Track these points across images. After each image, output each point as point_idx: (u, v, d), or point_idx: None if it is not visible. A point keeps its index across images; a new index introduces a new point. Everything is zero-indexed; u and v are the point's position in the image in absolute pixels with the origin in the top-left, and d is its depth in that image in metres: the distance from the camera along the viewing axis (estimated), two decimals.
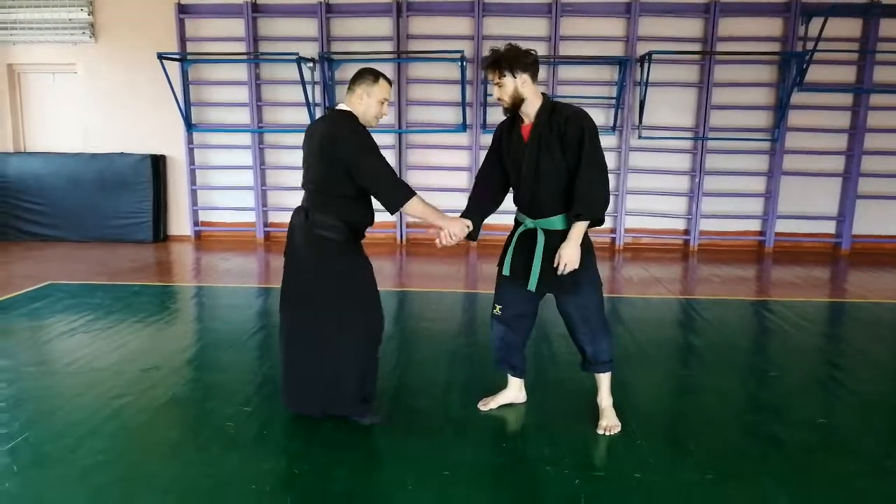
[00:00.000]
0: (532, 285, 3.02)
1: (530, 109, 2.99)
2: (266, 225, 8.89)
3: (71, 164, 8.60)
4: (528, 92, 2.94)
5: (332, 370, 3.09)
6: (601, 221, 2.97)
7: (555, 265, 2.92)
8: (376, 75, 3.05)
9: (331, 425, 3.17)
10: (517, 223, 3.20)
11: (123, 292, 5.93)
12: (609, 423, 3.20)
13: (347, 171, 2.92)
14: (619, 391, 3.68)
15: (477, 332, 4.80)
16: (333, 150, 2.92)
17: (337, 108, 3.09)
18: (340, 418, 3.20)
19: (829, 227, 8.53)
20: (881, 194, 8.27)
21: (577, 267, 2.92)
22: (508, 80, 2.92)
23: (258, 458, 2.90)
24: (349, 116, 3.02)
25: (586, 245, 3.00)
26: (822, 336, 5.02)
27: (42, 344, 4.55)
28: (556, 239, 2.97)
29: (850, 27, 7.95)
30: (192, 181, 8.81)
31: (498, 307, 3.26)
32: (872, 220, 8.37)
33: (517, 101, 2.96)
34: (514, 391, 3.47)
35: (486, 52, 7.92)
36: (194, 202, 8.88)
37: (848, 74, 8.10)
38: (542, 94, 3.03)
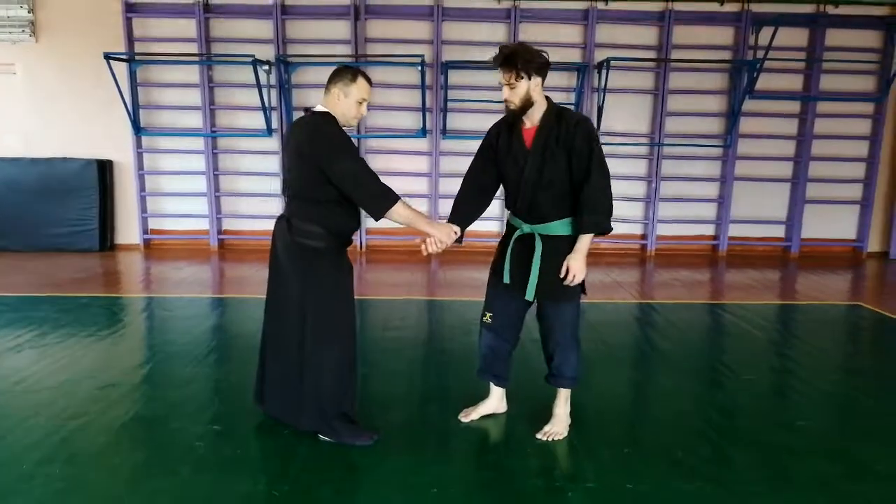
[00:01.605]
0: (530, 294, 2.96)
1: (536, 113, 2.90)
2: (220, 232, 8.61)
3: (10, 170, 8.14)
4: (537, 96, 2.86)
5: (311, 383, 2.96)
6: (609, 231, 2.91)
7: (561, 276, 2.87)
8: (354, 73, 2.92)
9: (308, 442, 3.03)
10: (511, 227, 3.11)
11: (70, 304, 5.62)
12: (553, 429, 3.16)
13: (324, 175, 2.80)
14: (597, 396, 3.69)
15: (446, 340, 4.73)
16: (311, 153, 2.81)
17: (314, 109, 2.96)
18: (316, 435, 3.06)
19: (779, 231, 8.78)
20: (828, 199, 8.55)
21: (583, 278, 2.90)
22: (522, 83, 2.80)
23: (233, 480, 2.74)
24: (327, 118, 2.90)
25: None
26: (784, 338, 5.11)
27: None
28: (554, 244, 2.92)
29: (798, 36, 8.21)
30: (141, 187, 8.46)
31: (488, 315, 3.19)
32: (820, 224, 8.65)
33: (526, 105, 2.85)
34: (496, 401, 3.40)
35: (446, 57, 7.96)
36: (143, 209, 8.53)
37: (796, 82, 8.37)
38: (547, 97, 2.94)
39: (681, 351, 4.68)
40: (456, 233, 3.01)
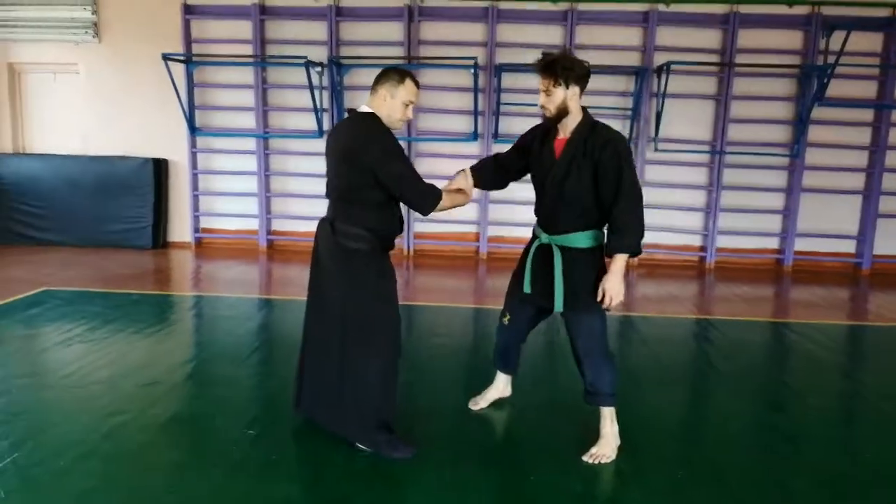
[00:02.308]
0: (558, 306, 2.92)
1: (571, 123, 2.87)
2: (269, 233, 8.64)
3: (70, 167, 8.36)
4: (574, 106, 2.83)
5: (352, 389, 2.86)
6: (639, 253, 2.82)
7: (599, 299, 2.83)
8: (402, 75, 2.86)
9: (345, 451, 2.93)
10: (534, 236, 3.09)
11: (122, 300, 5.68)
12: (599, 451, 3.00)
13: (372, 177, 2.72)
14: (647, 416, 3.50)
15: (492, 350, 4.55)
16: (357, 155, 2.73)
17: (360, 109, 2.88)
18: (353, 444, 2.95)
19: (850, 247, 8.30)
20: None
21: (621, 299, 2.82)
22: (560, 90, 2.78)
23: (267, 485, 2.66)
24: (373, 119, 2.82)
25: (598, 260, 2.93)
26: (853, 361, 4.80)
27: (36, 354, 4.31)
28: (573, 256, 2.89)
29: (871, 41, 7.76)
30: (195, 186, 8.57)
31: (507, 317, 3.25)
32: (894, 240, 8.14)
33: (562, 113, 2.83)
34: (501, 385, 3.53)
35: (500, 60, 7.81)
36: (196, 208, 8.64)
37: (869, 90, 7.91)
38: (583, 108, 2.88)
39: (740, 370, 4.39)
40: (467, 173, 3.13)
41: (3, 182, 8.38)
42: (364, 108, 2.87)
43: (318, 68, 7.90)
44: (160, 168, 8.46)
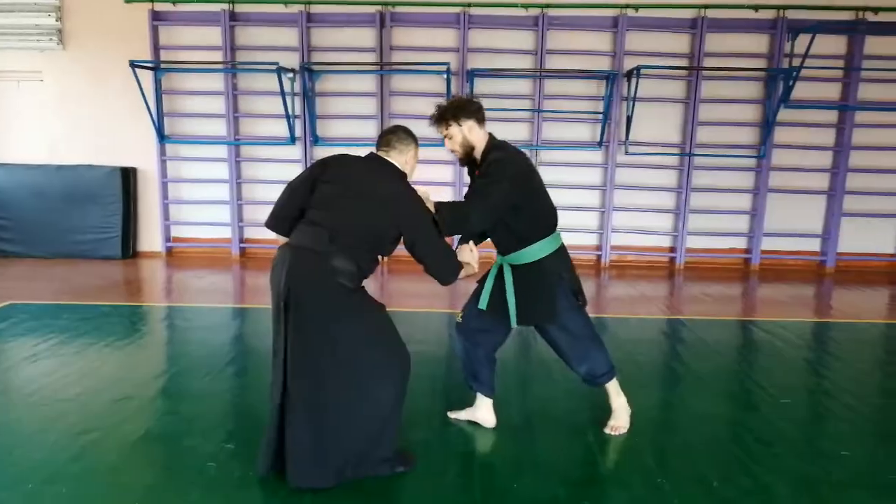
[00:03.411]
0: (513, 321, 3.09)
1: (479, 154, 3.05)
2: (242, 241, 8.56)
3: (36, 177, 8.19)
4: (475, 137, 2.99)
5: (368, 426, 2.73)
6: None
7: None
8: (416, 138, 2.94)
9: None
10: None
11: (91, 313, 5.57)
12: (616, 422, 3.30)
13: (400, 233, 2.74)
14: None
15: None
16: (398, 212, 2.72)
17: (390, 160, 2.84)
18: None
19: (815, 245, 8.49)
20: (866, 212, 8.24)
21: (474, 269, 2.98)
22: (455, 130, 2.98)
23: (246, 502, 2.62)
24: (406, 179, 2.86)
25: (544, 273, 3.06)
26: (822, 358, 4.88)
27: (2, 371, 4.19)
28: (521, 272, 3.06)
29: (835, 44, 7.95)
30: (165, 195, 8.45)
31: (461, 315, 3.29)
32: (857, 238, 8.34)
33: (468, 150, 3.03)
34: (483, 412, 3.39)
35: (472, 65, 7.83)
36: (166, 217, 8.52)
37: (833, 92, 8.10)
38: (490, 134, 3.04)
39: (713, 370, 4.46)
40: (472, 250, 3.03)
41: None
42: (392, 160, 2.84)
43: (290, 74, 7.85)
44: (129, 177, 8.33)
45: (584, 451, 3.17)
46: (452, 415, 3.48)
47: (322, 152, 7.92)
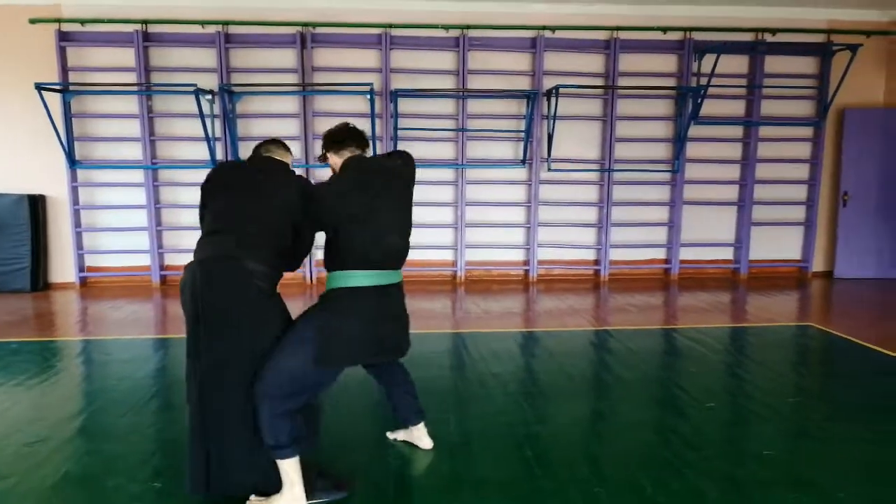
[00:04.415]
0: None
1: None
2: (162, 268, 8.25)
3: None
4: (338, 164, 3.00)
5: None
6: None
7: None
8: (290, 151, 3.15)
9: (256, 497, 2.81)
10: None
11: None
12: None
13: (309, 226, 2.89)
14: (559, 430, 3.58)
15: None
16: (302, 208, 2.82)
17: (279, 158, 3.02)
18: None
19: (728, 254, 8.92)
20: (773, 220, 8.73)
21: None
22: (330, 158, 3.05)
23: None
24: (291, 170, 3.03)
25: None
26: (740, 361, 5.10)
27: None
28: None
29: (739, 64, 8.44)
30: (77, 223, 8.05)
31: None
32: (766, 246, 8.82)
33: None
34: (419, 432, 3.40)
35: (395, 86, 7.87)
36: (79, 246, 8.11)
37: (738, 108, 8.57)
38: (348, 158, 2.96)
39: (640, 378, 4.61)
40: None
41: None
42: (284, 159, 3.02)
43: (209, 96, 7.67)
44: (37, 204, 7.90)
45: (523, 465, 3.19)
46: (391, 435, 3.47)
47: None
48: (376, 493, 2.90)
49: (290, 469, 2.63)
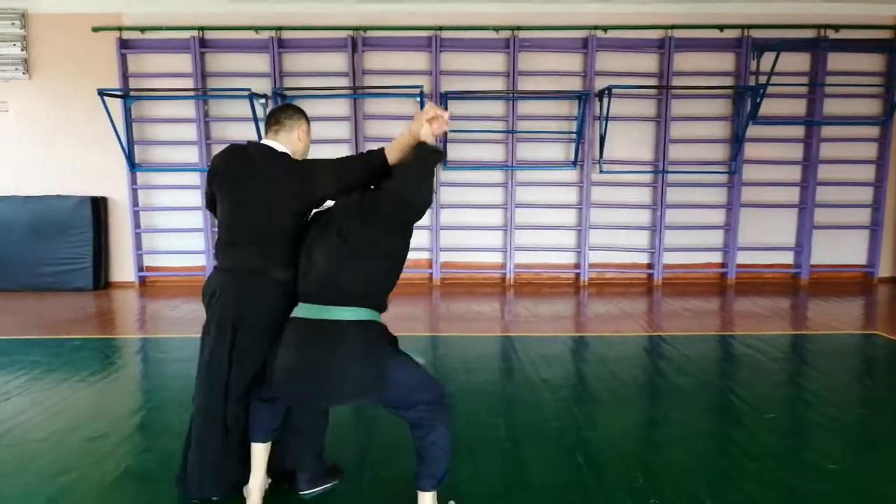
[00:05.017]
0: None
1: None
2: None
3: (2, 208, 8.01)
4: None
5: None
6: None
7: None
8: (304, 113, 2.94)
9: (300, 499, 2.82)
10: None
11: (62, 347, 5.42)
12: None
13: (307, 203, 2.71)
14: (612, 438, 3.49)
15: (450, 380, 4.51)
16: (303, 185, 2.67)
17: (279, 145, 2.79)
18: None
19: (788, 258, 8.61)
20: (836, 224, 8.40)
21: None
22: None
23: None
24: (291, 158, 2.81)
25: None
26: (801, 370, 4.91)
27: None
28: None
29: (800, 61, 8.15)
30: (136, 224, 8.31)
31: None
32: (829, 250, 8.48)
33: None
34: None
35: (445, 88, 7.86)
36: (139, 246, 8.36)
37: (799, 107, 8.28)
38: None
39: (696, 385, 4.47)
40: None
41: None
42: (278, 147, 2.78)
43: (262, 100, 7.80)
44: (99, 206, 8.18)
45: (574, 472, 3.12)
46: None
47: None
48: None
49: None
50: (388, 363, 2.43)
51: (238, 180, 2.70)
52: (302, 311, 2.49)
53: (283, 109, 2.89)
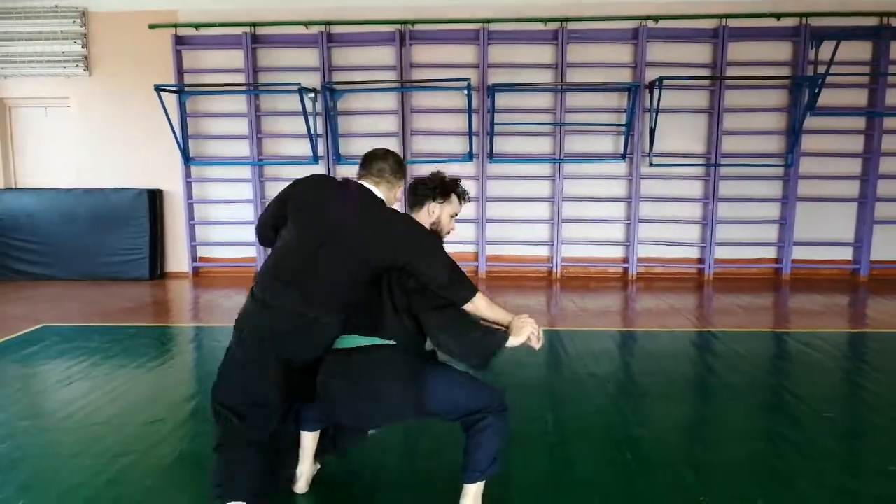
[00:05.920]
0: None
1: None
2: None
3: (64, 200, 8.32)
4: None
5: None
6: None
7: None
8: (405, 169, 2.79)
9: (366, 485, 2.86)
10: None
11: (121, 335, 5.62)
12: None
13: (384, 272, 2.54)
14: (661, 435, 3.45)
15: (505, 374, 4.50)
16: (397, 251, 2.48)
17: (377, 193, 2.61)
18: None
19: (846, 254, 8.32)
20: None
21: None
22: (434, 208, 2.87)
23: None
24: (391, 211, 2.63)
25: None
26: (860, 369, 4.75)
27: (36, 394, 4.23)
28: None
29: (860, 50, 7.85)
30: (191, 216, 8.54)
31: None
32: (890, 246, 8.16)
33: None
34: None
35: (492, 81, 7.84)
36: (193, 237, 8.60)
37: (860, 98, 7.97)
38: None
39: (749, 383, 4.37)
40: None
41: None
42: (375, 190, 2.62)
43: (312, 94, 7.91)
44: (155, 199, 8.43)
45: (622, 468, 3.09)
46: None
47: (346, 170, 7.97)
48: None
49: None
50: (426, 377, 2.46)
51: (328, 216, 2.49)
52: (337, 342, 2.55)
53: (386, 159, 2.69)
